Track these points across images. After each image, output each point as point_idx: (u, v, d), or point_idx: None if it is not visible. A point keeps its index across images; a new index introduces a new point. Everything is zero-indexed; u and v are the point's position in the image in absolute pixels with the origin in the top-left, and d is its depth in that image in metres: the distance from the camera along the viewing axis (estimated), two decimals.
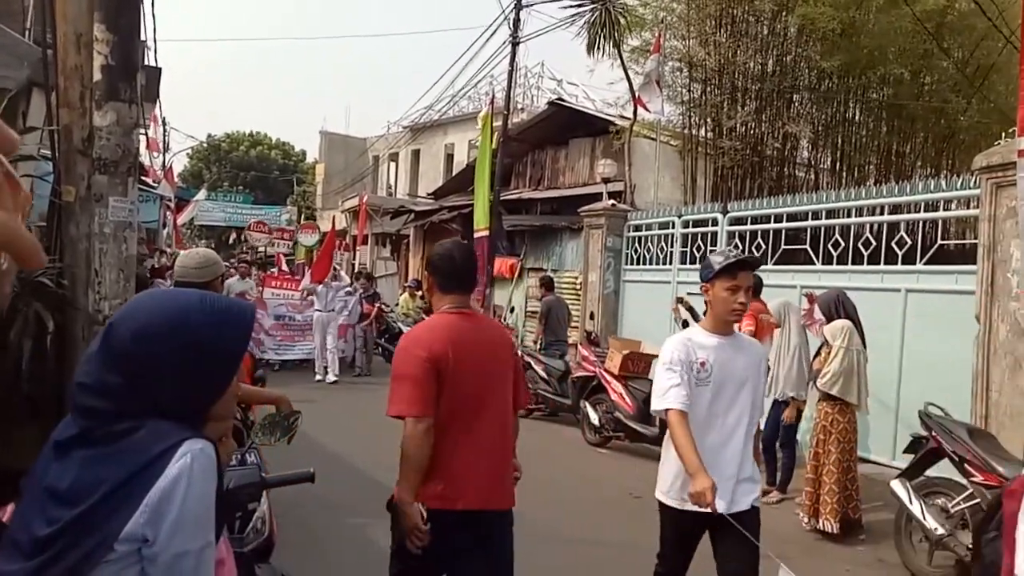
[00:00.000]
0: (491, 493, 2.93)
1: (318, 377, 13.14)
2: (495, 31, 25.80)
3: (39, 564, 1.40)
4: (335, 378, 13.11)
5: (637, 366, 9.24)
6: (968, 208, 7.88)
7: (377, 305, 15.10)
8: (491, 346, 3.07)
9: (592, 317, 12.22)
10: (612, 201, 12.76)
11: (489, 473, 2.93)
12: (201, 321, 1.55)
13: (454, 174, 22.54)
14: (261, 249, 31.09)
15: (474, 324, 3.05)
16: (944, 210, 8.25)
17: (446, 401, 2.82)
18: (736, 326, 3.61)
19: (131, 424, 1.47)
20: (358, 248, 23.28)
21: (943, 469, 5.70)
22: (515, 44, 15.21)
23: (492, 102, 15.90)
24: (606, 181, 13.16)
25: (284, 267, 26.88)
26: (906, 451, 5.86)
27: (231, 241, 41.04)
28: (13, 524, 1.51)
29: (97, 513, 1.41)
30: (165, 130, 31.35)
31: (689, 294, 9.97)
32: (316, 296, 13.67)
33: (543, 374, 10.90)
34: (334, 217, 14.95)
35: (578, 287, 13.61)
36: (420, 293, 17.17)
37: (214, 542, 1.52)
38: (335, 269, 14.75)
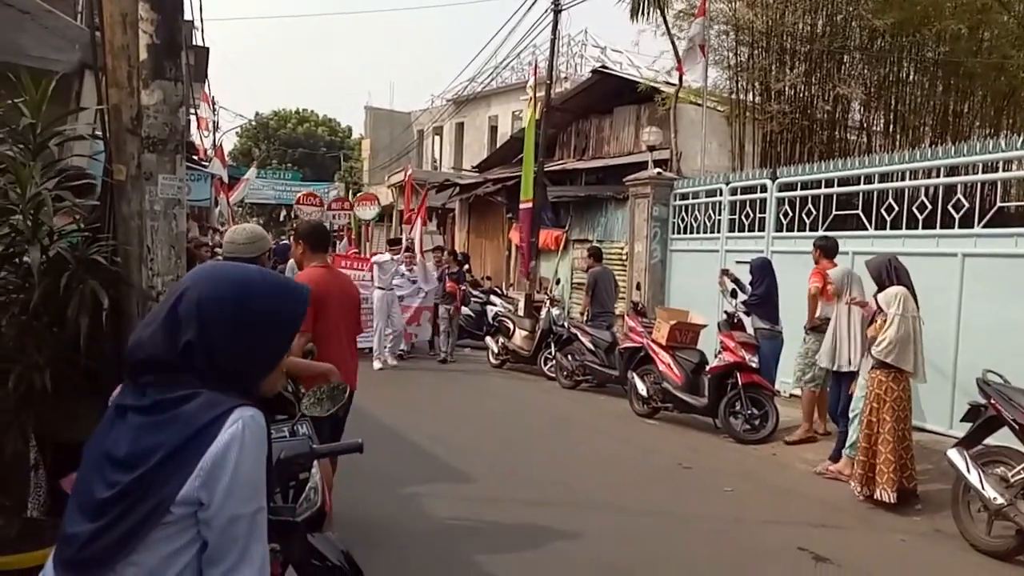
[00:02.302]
0: (349, 376, 4.33)
1: (377, 365, 11.77)
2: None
3: (102, 526, 1.47)
4: (393, 363, 12.15)
5: (685, 336, 9.16)
6: None
7: (464, 286, 13.83)
8: (344, 288, 4.67)
9: (639, 287, 12.13)
10: (658, 169, 12.60)
11: (347, 365, 4.35)
12: (262, 292, 1.63)
13: (498, 146, 22.46)
14: None
15: (333, 273, 4.77)
16: (1003, 171, 7.98)
17: (320, 323, 4.17)
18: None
19: (185, 392, 1.52)
20: (404, 224, 23.33)
21: (1002, 437, 5.56)
22: (557, 12, 15.00)
23: (535, 72, 15.71)
24: (651, 149, 12.97)
25: (351, 244, 26.18)
26: (963, 419, 5.72)
27: (281, 218, 41.61)
28: (76, 488, 1.57)
29: (154, 477, 1.46)
30: (214, 109, 31.69)
31: (738, 263, 9.86)
32: (379, 268, 12.40)
33: (590, 345, 10.88)
34: (426, 188, 14.30)
35: (624, 257, 13.51)
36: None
37: (266, 507, 1.56)
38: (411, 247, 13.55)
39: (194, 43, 17.42)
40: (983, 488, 5.11)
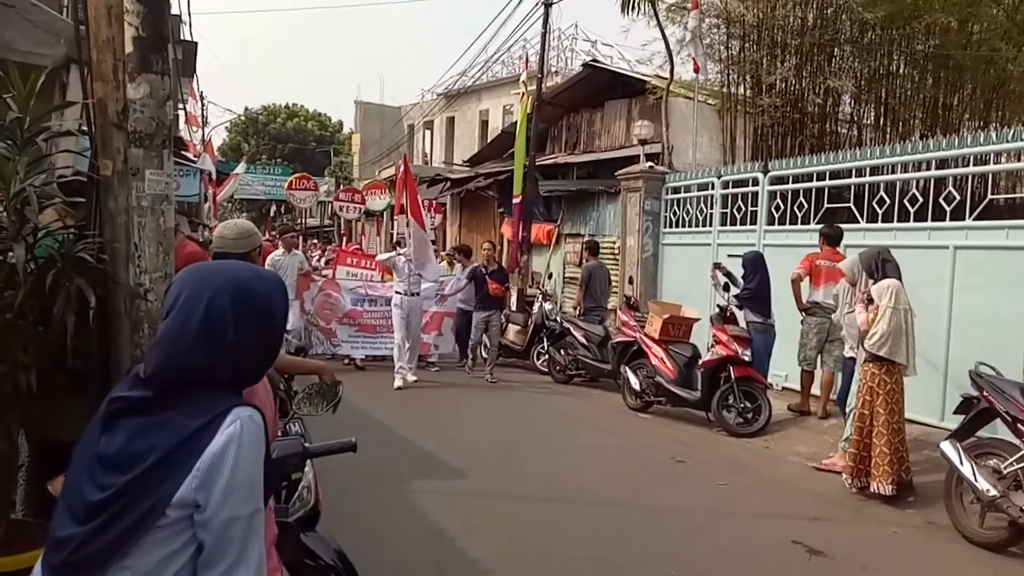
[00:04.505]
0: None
1: (397, 383, 10.17)
2: None
3: (93, 529, 1.42)
4: (413, 378, 10.48)
5: (677, 330, 9.16)
6: (1019, 161, 7.62)
7: (507, 286, 11.93)
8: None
9: (631, 282, 12.11)
10: (650, 163, 12.57)
11: None
12: (267, 289, 1.62)
13: (489, 141, 22.38)
14: (301, 219, 30.84)
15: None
16: (994, 164, 7.99)
17: None
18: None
19: (180, 393, 1.50)
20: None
21: (995, 429, 5.56)
22: (548, 5, 14.96)
23: (527, 66, 15.64)
24: (643, 143, 12.95)
25: (355, 243, 24.27)
26: (956, 412, 5.73)
27: (272, 214, 41.41)
28: (65, 491, 1.53)
29: (149, 478, 1.43)
30: (203, 104, 31.46)
31: (730, 256, 9.86)
32: (395, 270, 10.68)
33: (583, 340, 10.87)
34: (404, 156, 13.19)
35: (616, 251, 13.49)
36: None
37: (263, 508, 1.54)
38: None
39: (182, 38, 17.29)
40: (976, 480, 5.12)
